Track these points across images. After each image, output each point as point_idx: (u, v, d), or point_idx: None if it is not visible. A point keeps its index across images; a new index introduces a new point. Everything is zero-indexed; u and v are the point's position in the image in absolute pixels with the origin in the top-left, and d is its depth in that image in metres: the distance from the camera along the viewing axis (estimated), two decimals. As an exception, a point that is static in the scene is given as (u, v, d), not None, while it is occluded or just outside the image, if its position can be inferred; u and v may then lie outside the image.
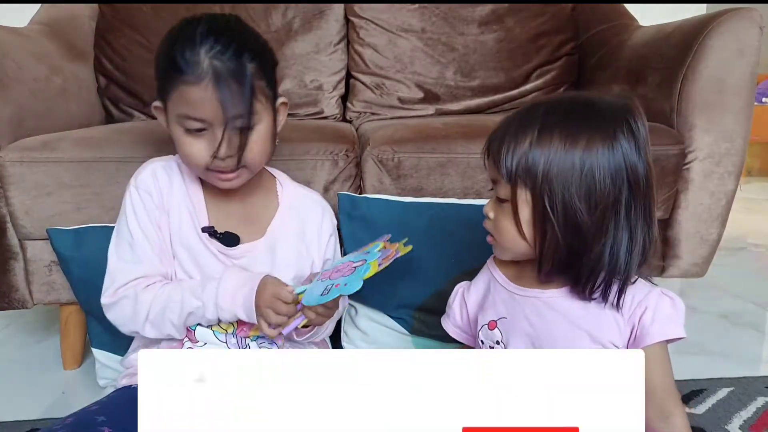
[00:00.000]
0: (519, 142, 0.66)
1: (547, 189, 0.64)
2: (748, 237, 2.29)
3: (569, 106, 0.67)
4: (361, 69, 1.60)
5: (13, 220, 1.08)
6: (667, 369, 0.70)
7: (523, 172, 0.65)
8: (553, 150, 0.64)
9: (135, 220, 0.83)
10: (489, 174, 0.72)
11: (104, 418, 0.71)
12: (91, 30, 1.55)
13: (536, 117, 0.66)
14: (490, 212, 0.72)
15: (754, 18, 1.16)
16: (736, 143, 1.20)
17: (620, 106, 0.66)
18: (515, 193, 0.67)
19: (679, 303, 0.70)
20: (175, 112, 0.76)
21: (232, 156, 0.76)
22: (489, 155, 0.70)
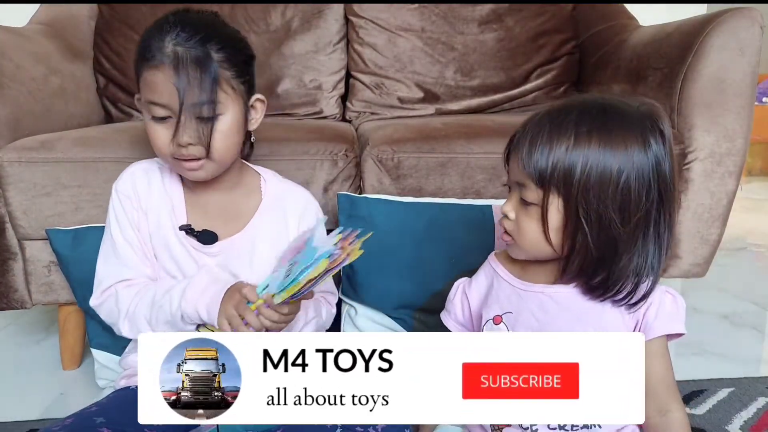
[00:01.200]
0: (554, 145, 0.64)
1: (583, 199, 0.63)
2: (749, 237, 2.29)
3: (602, 109, 0.65)
4: (360, 69, 1.60)
5: (12, 220, 1.08)
6: (667, 364, 0.71)
7: (559, 178, 0.64)
8: (592, 155, 0.63)
9: (116, 225, 0.85)
10: (512, 176, 0.69)
11: (103, 419, 0.70)
12: (90, 30, 1.54)
13: (570, 120, 0.65)
14: (511, 212, 0.70)
15: (755, 17, 1.16)
16: (737, 143, 1.20)
17: (648, 110, 0.66)
18: (546, 199, 0.65)
19: (681, 300, 0.71)
20: (143, 99, 0.78)
21: (193, 144, 0.76)
22: (514, 157, 0.68)
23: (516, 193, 0.69)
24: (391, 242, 1.05)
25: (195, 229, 0.84)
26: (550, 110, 0.68)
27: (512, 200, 0.70)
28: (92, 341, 1.10)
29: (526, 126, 0.68)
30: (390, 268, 1.06)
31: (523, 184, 0.67)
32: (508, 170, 0.70)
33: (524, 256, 0.72)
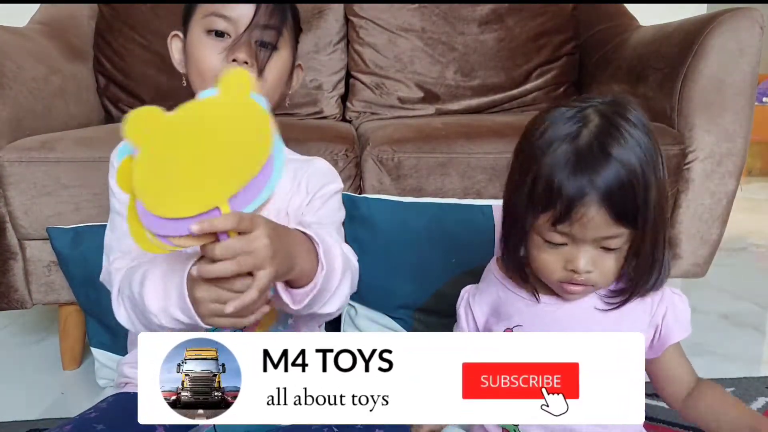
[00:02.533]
0: (636, 186, 0.60)
1: (653, 219, 0.62)
2: (749, 237, 2.29)
3: (608, 121, 0.62)
4: (360, 69, 1.60)
5: (13, 220, 1.08)
6: (686, 360, 0.73)
7: (643, 213, 0.61)
8: (648, 168, 0.61)
9: (111, 192, 0.78)
10: (588, 234, 0.62)
11: (103, 426, 0.70)
12: (90, 30, 1.54)
13: (614, 149, 0.60)
14: (591, 266, 0.64)
15: (755, 18, 1.16)
16: (737, 143, 1.20)
17: (620, 98, 0.66)
18: (637, 237, 0.63)
19: (685, 299, 0.72)
20: (203, 12, 0.75)
21: (249, 64, 0.74)
22: (590, 213, 0.60)
23: (591, 247, 0.63)
24: (391, 242, 1.05)
25: None
26: (587, 149, 0.61)
27: (587, 255, 0.64)
28: (92, 340, 1.10)
29: (589, 179, 0.60)
30: (390, 268, 1.06)
31: (611, 236, 0.62)
32: (575, 229, 0.62)
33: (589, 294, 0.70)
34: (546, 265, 0.66)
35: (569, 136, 0.62)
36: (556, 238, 0.64)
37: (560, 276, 0.66)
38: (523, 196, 0.64)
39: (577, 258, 0.63)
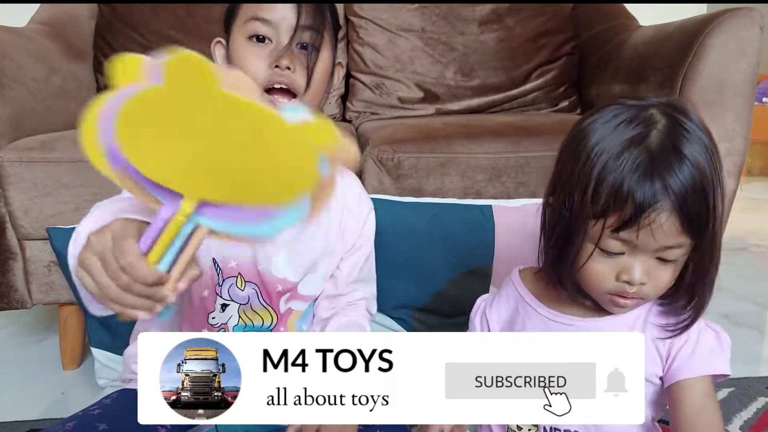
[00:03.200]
0: (707, 189, 0.57)
1: (717, 230, 0.59)
2: (749, 237, 2.29)
3: (672, 119, 0.60)
4: (360, 69, 1.60)
5: (13, 220, 1.08)
6: (706, 406, 0.63)
7: (711, 222, 0.58)
8: (708, 170, 0.58)
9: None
10: (651, 244, 0.58)
11: (106, 425, 0.70)
12: (90, 30, 1.55)
13: (684, 154, 0.57)
14: (645, 277, 0.60)
15: (755, 18, 1.16)
16: (737, 143, 1.20)
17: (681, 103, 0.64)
18: (699, 248, 0.60)
19: (725, 337, 0.66)
20: (244, 18, 0.75)
21: (291, 69, 0.74)
22: (657, 220, 0.57)
23: (647, 256, 0.60)
24: (392, 242, 1.05)
25: None
26: (660, 153, 0.57)
27: (644, 266, 0.60)
28: (92, 340, 1.10)
29: (662, 185, 0.56)
30: (390, 268, 1.06)
31: (674, 246, 0.59)
32: (636, 238, 0.58)
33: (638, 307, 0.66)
34: (597, 275, 0.62)
35: (638, 137, 0.58)
36: (615, 247, 0.60)
37: (611, 287, 0.62)
38: (579, 202, 0.60)
39: (633, 268, 0.60)
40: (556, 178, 0.65)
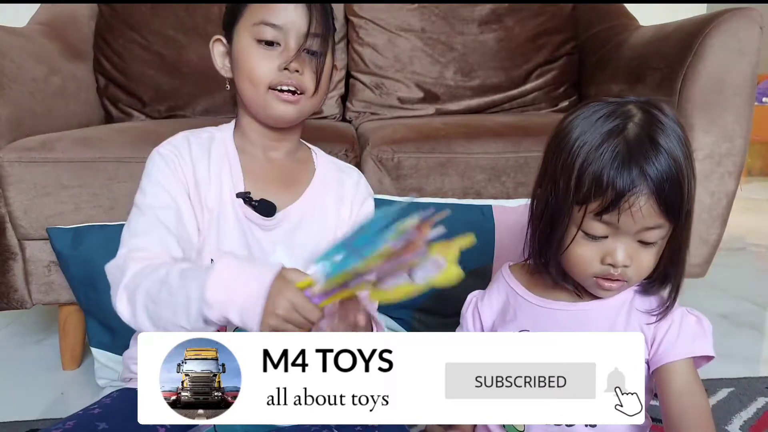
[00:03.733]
0: (682, 177, 0.62)
1: (689, 214, 0.64)
2: (749, 237, 2.29)
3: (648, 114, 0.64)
4: (360, 69, 1.60)
5: (12, 220, 1.08)
6: (692, 388, 0.66)
7: (685, 206, 0.63)
8: (683, 156, 0.62)
9: (156, 179, 0.76)
10: (633, 226, 0.62)
11: (105, 425, 0.70)
12: (90, 30, 1.55)
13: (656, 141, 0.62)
14: (628, 260, 0.64)
15: (754, 18, 1.16)
16: (737, 143, 1.20)
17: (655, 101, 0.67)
18: (677, 229, 0.64)
19: (706, 322, 0.69)
20: (252, 21, 0.76)
21: (301, 73, 0.76)
22: (636, 203, 0.61)
23: (631, 240, 0.64)
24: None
25: (252, 198, 0.79)
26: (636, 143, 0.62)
27: (627, 248, 0.64)
28: (92, 340, 1.10)
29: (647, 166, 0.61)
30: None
31: (653, 227, 0.63)
32: (620, 220, 0.62)
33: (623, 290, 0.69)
34: (583, 259, 0.66)
35: (616, 129, 0.63)
36: (599, 230, 0.64)
37: (596, 270, 0.66)
38: (564, 190, 0.64)
39: (616, 250, 0.64)
40: (543, 171, 0.70)
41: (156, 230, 0.72)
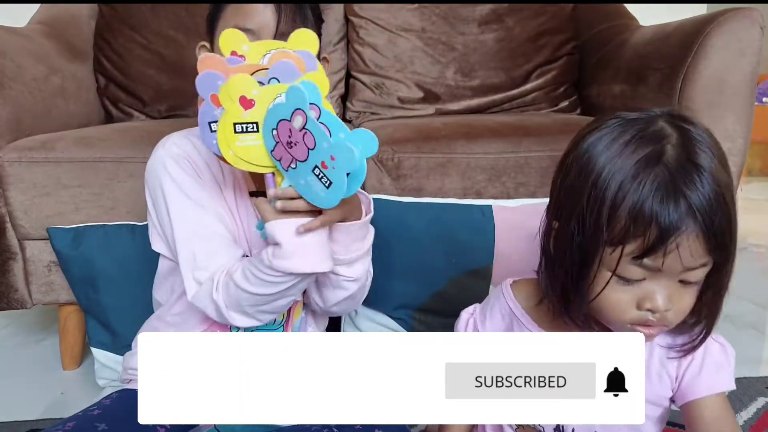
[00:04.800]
0: (721, 201, 0.53)
1: (735, 245, 0.56)
2: (749, 237, 2.29)
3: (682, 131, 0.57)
4: (360, 69, 1.60)
5: (12, 220, 1.08)
6: (721, 422, 0.61)
7: (734, 236, 0.55)
8: (729, 184, 0.55)
9: (184, 192, 0.73)
10: (676, 266, 0.54)
11: (105, 426, 0.70)
12: (90, 30, 1.54)
13: (702, 167, 0.54)
14: (669, 304, 0.56)
15: (755, 18, 1.16)
16: (737, 143, 1.20)
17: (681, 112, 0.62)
18: (722, 267, 0.56)
19: (730, 349, 0.63)
20: (226, 27, 0.75)
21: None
22: (682, 242, 0.53)
23: (671, 281, 0.56)
24: (391, 242, 1.05)
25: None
26: (678, 170, 0.53)
27: (666, 290, 0.56)
28: (92, 340, 1.10)
29: (686, 206, 0.52)
30: (390, 268, 1.06)
31: (699, 266, 0.55)
32: (664, 261, 0.54)
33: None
34: (617, 306, 0.57)
35: (653, 154, 0.54)
36: (635, 273, 0.55)
37: (633, 317, 0.58)
38: (593, 228, 0.55)
39: (655, 294, 0.56)
40: (559, 200, 0.61)
41: (220, 252, 0.72)
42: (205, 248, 0.72)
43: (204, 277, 0.71)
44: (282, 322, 0.82)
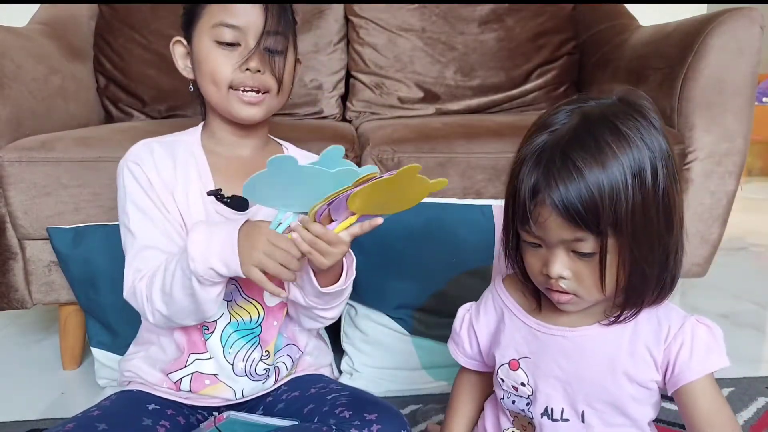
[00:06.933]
0: (591, 181, 0.56)
1: (633, 228, 0.57)
2: (749, 237, 2.29)
3: (601, 116, 0.59)
4: (360, 68, 1.60)
5: (13, 220, 1.08)
6: (716, 403, 0.63)
7: (610, 220, 0.56)
8: (625, 168, 0.56)
9: (131, 200, 0.78)
10: (552, 235, 0.59)
11: (105, 426, 0.70)
12: (90, 30, 1.54)
13: (582, 146, 0.57)
14: (566, 271, 0.60)
15: (755, 17, 1.16)
16: (737, 143, 1.20)
17: (627, 91, 0.63)
18: (605, 245, 0.57)
19: (717, 330, 0.65)
20: (210, 23, 0.77)
21: (262, 72, 0.77)
22: (547, 214, 0.58)
23: (562, 250, 0.60)
24: (391, 242, 1.05)
25: (224, 195, 0.80)
26: (561, 149, 0.58)
27: (560, 258, 0.60)
28: (92, 340, 1.10)
29: (547, 177, 0.57)
30: (390, 268, 1.06)
31: (576, 239, 0.58)
32: (539, 230, 0.59)
33: (583, 307, 0.64)
34: (530, 269, 0.64)
35: (548, 130, 0.60)
36: (529, 238, 0.62)
37: (540, 280, 0.63)
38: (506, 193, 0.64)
39: (549, 261, 0.61)
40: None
41: (147, 252, 0.76)
42: (137, 247, 0.77)
43: (132, 273, 0.76)
44: (259, 320, 0.83)
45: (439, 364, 1.10)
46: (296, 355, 0.88)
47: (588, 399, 0.66)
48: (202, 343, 0.81)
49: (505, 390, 0.71)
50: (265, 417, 0.78)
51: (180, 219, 0.80)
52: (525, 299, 0.71)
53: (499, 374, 0.71)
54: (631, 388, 0.64)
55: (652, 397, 0.66)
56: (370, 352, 1.10)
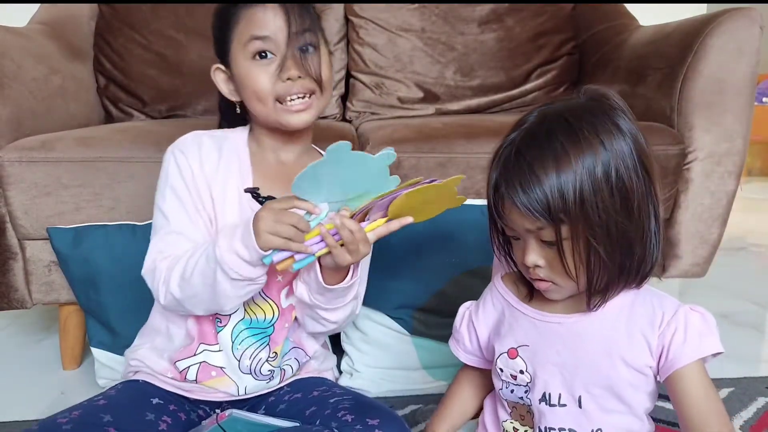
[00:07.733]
0: (543, 178, 0.60)
1: (583, 215, 0.60)
2: (749, 237, 2.29)
3: (560, 117, 0.63)
4: (360, 69, 1.60)
5: (13, 220, 1.08)
6: (706, 390, 0.65)
7: (560, 208, 0.59)
8: (578, 170, 0.59)
9: (170, 184, 0.80)
10: (519, 226, 0.63)
11: (110, 417, 0.70)
12: (90, 30, 1.55)
13: (539, 145, 0.61)
14: (540, 260, 0.64)
15: (754, 18, 1.16)
16: (737, 143, 1.20)
17: (596, 93, 0.65)
18: (559, 233, 0.60)
19: (710, 317, 0.67)
20: (242, 41, 0.78)
21: (302, 76, 0.78)
22: (511, 206, 0.62)
23: (532, 240, 0.63)
24: (391, 242, 1.05)
25: (261, 195, 0.81)
26: (516, 147, 0.63)
27: (532, 248, 0.64)
28: (92, 340, 1.10)
29: (504, 174, 0.63)
30: (390, 268, 1.06)
31: (533, 229, 0.62)
32: (507, 223, 0.65)
33: (565, 296, 0.67)
34: (517, 260, 0.68)
35: (516, 129, 0.66)
36: (508, 231, 0.66)
37: (525, 270, 0.67)
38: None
39: (523, 250, 0.65)
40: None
41: (173, 237, 0.79)
42: (166, 229, 0.79)
43: (156, 253, 0.78)
44: (273, 320, 0.83)
45: (439, 364, 1.10)
46: (303, 359, 0.89)
47: (585, 384, 0.67)
48: (213, 335, 0.81)
49: (504, 380, 0.72)
50: (266, 417, 0.78)
51: (212, 213, 0.81)
52: (522, 293, 0.73)
53: (498, 364, 0.72)
54: (627, 372, 0.66)
55: (648, 384, 0.68)
56: (370, 352, 1.10)
